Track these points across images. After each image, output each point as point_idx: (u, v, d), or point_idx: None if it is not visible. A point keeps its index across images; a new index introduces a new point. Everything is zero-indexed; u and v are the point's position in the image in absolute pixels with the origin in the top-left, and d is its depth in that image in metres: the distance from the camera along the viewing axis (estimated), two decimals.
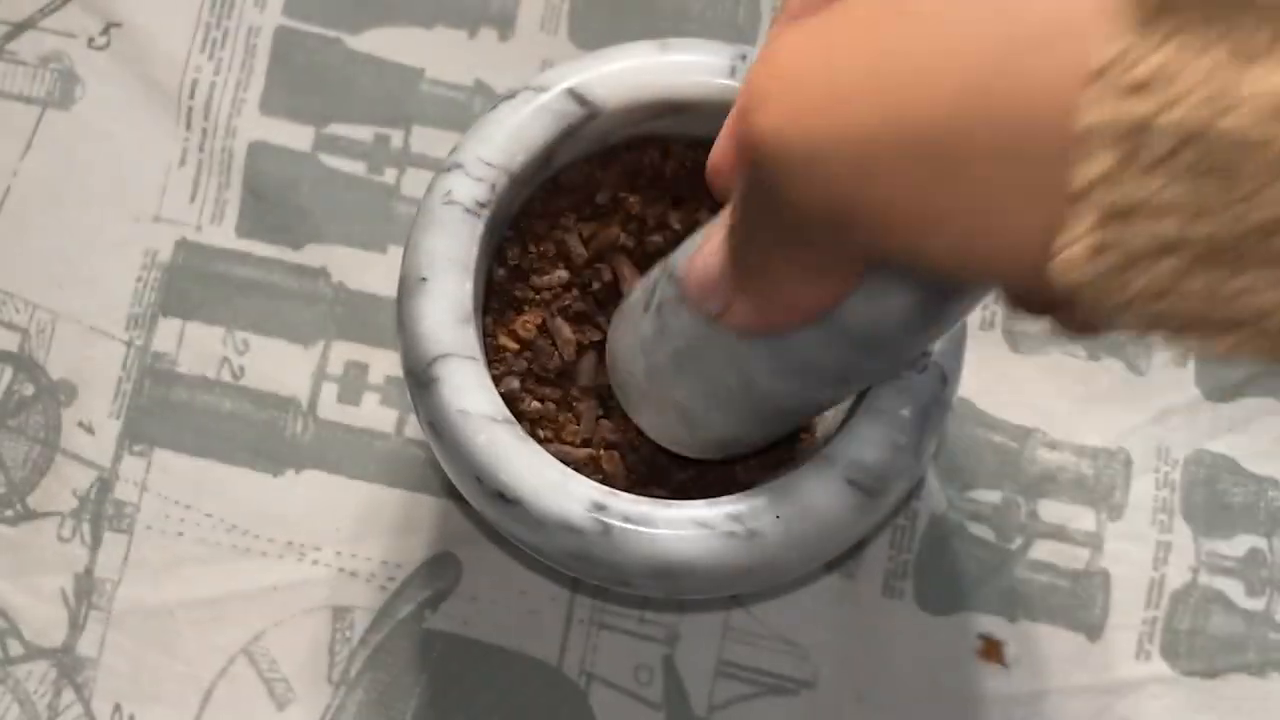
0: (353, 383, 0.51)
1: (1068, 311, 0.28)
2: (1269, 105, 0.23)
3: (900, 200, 0.28)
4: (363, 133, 0.53)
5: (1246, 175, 0.24)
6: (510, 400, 0.43)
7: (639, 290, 0.42)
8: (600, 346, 0.45)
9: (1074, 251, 0.25)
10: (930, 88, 0.27)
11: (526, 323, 0.45)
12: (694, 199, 0.45)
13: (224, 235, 0.52)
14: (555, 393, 0.45)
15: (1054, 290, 0.26)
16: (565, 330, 0.45)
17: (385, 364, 0.51)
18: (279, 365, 0.51)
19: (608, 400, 0.45)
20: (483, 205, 0.42)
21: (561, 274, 0.46)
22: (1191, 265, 0.25)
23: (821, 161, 0.29)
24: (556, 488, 0.40)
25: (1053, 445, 0.51)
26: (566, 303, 0.45)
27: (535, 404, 0.45)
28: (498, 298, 0.45)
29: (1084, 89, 0.25)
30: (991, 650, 0.49)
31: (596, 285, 0.46)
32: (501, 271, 0.45)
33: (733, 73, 0.43)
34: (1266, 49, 0.24)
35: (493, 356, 0.44)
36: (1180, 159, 0.24)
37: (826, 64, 0.29)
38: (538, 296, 0.45)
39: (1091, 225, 0.25)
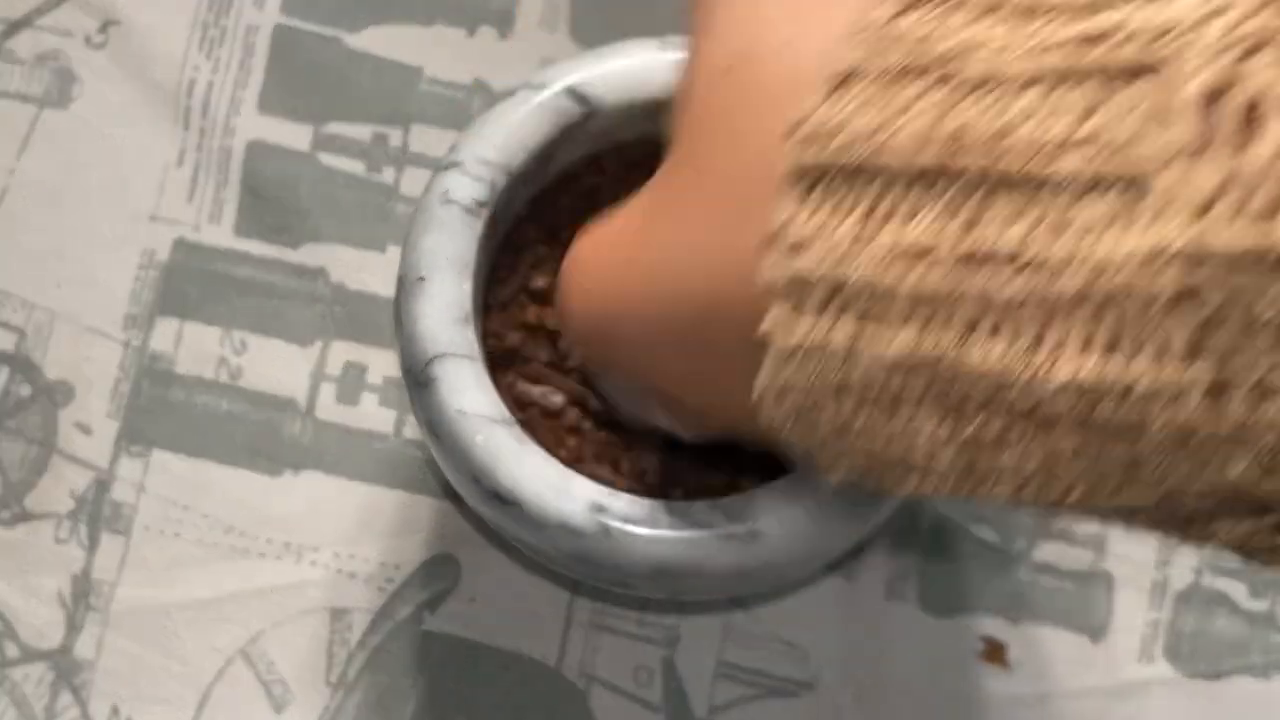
0: (351, 383, 0.51)
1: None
2: (886, 257, 0.27)
3: (662, 372, 0.34)
4: (361, 132, 0.52)
5: (879, 318, 0.27)
6: (514, 402, 0.43)
7: None
8: None
9: (764, 399, 0.29)
10: (667, 285, 0.33)
11: (524, 323, 0.45)
12: None
13: (222, 235, 0.52)
14: (556, 393, 0.45)
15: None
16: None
17: (384, 364, 0.51)
18: (277, 365, 0.51)
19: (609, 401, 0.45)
20: (482, 204, 0.42)
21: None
22: (859, 405, 0.28)
23: (594, 335, 0.36)
24: (556, 488, 0.40)
25: None
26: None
27: (535, 404, 0.45)
28: (497, 297, 0.45)
29: (762, 254, 0.28)
30: (994, 652, 0.49)
31: None
32: (502, 271, 0.45)
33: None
34: (892, 210, 0.27)
35: (492, 357, 0.44)
36: (833, 306, 0.28)
37: (610, 263, 0.35)
38: (537, 296, 0.45)
39: (774, 371, 0.29)
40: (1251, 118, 0.22)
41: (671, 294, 0.32)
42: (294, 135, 0.52)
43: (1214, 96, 0.23)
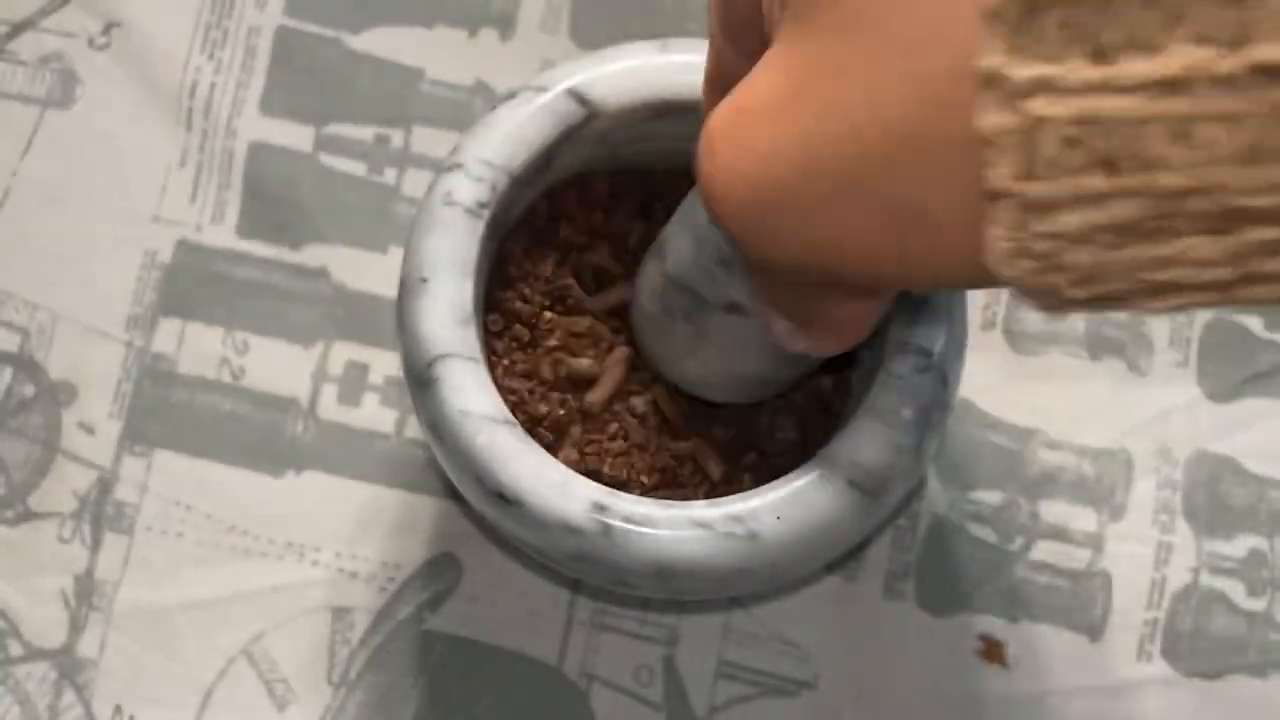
0: (353, 383, 0.51)
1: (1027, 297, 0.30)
2: (1138, 85, 0.25)
3: (846, 238, 0.31)
4: (363, 133, 0.53)
5: (1135, 153, 0.26)
6: (514, 403, 0.43)
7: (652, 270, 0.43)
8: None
9: (1000, 249, 0.28)
10: (858, 128, 0.30)
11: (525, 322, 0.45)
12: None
13: (224, 236, 0.52)
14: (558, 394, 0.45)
15: (1002, 283, 0.28)
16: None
17: (385, 364, 0.51)
18: (279, 366, 0.51)
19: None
20: (483, 206, 0.42)
21: (562, 274, 0.46)
22: (1111, 246, 0.27)
23: (761, 212, 0.32)
24: (557, 488, 0.40)
25: (1053, 446, 0.51)
26: (568, 303, 0.45)
27: (541, 406, 0.45)
28: (499, 297, 0.45)
29: (978, 99, 0.27)
30: (992, 651, 0.49)
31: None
32: (507, 271, 0.45)
33: None
34: (1123, 46, 0.25)
35: (493, 357, 0.44)
36: (1075, 151, 0.26)
37: (764, 129, 0.32)
38: (537, 297, 0.45)
39: (1009, 224, 0.27)
40: None
41: (858, 144, 0.30)
42: (296, 136, 0.52)
43: None
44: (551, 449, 0.43)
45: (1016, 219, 0.27)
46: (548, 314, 0.45)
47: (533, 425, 0.44)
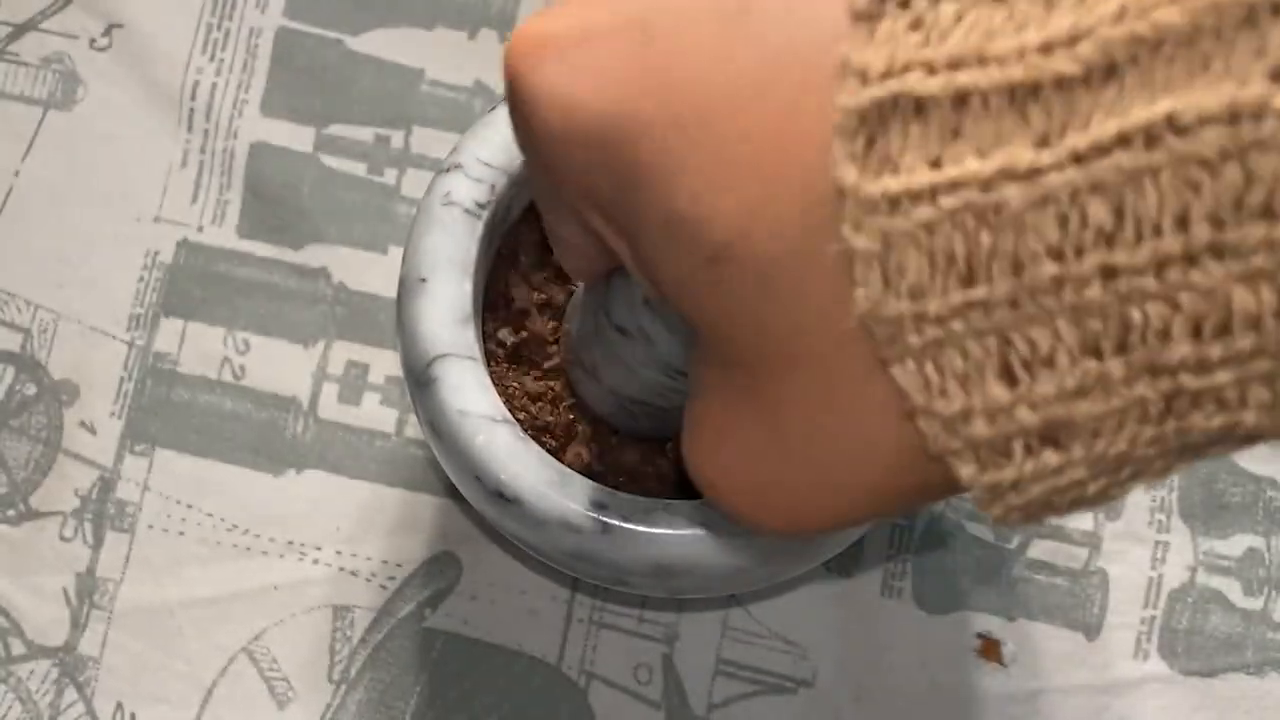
0: (353, 383, 0.51)
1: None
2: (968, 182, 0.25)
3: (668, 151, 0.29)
4: (363, 133, 0.53)
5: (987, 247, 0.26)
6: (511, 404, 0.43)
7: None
8: None
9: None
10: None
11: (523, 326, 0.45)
12: None
13: (225, 236, 0.52)
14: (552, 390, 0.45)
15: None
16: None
17: (385, 364, 0.51)
18: (280, 365, 0.51)
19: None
20: (482, 206, 0.42)
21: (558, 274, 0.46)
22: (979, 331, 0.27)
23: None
24: (556, 487, 0.40)
25: None
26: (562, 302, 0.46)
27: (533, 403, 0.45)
28: (497, 298, 0.45)
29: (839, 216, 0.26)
30: (989, 649, 0.49)
31: None
32: (505, 272, 0.45)
33: None
34: (959, 155, 0.26)
35: (492, 357, 0.44)
36: (930, 253, 0.26)
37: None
38: (537, 297, 0.45)
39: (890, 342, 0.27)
40: None
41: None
42: (296, 137, 0.53)
43: None
44: (557, 454, 0.43)
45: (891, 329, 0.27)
46: (552, 323, 0.45)
47: (539, 433, 0.44)
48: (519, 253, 0.45)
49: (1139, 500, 0.50)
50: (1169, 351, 0.25)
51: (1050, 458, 0.26)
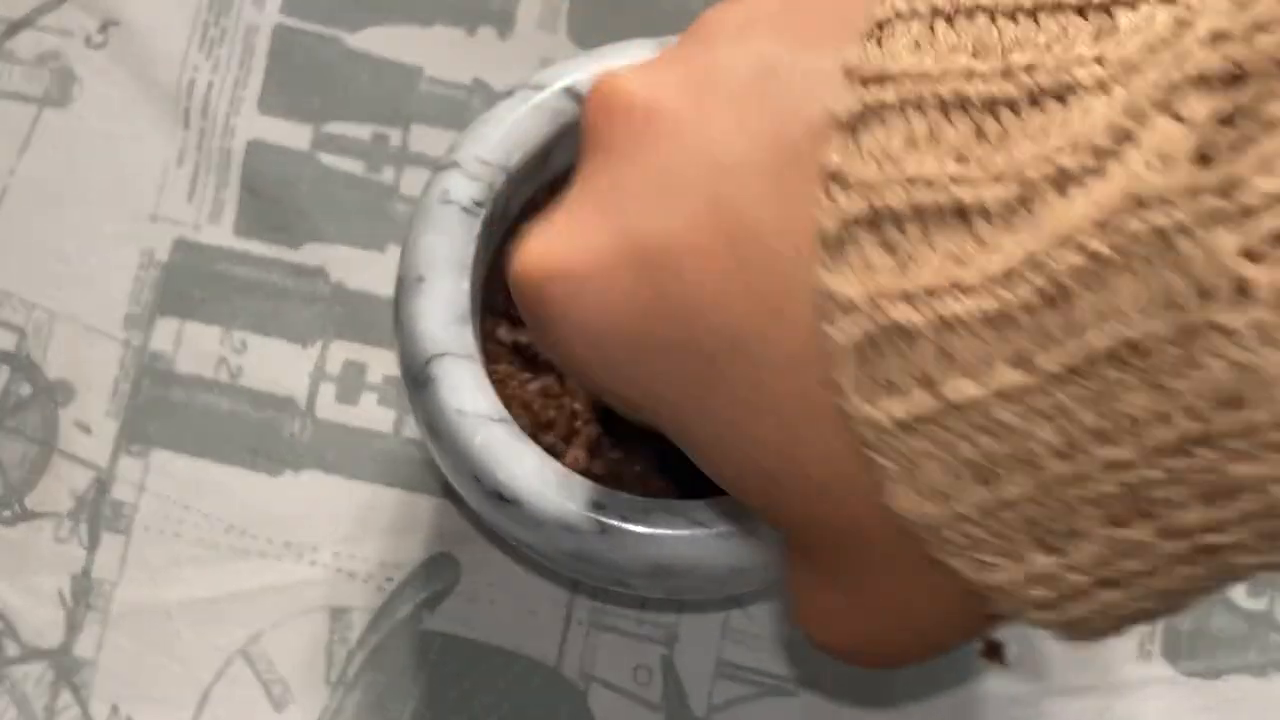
0: (351, 382, 0.51)
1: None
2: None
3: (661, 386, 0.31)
4: (361, 131, 0.53)
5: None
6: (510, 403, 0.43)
7: None
8: None
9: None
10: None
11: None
12: None
13: (222, 235, 0.52)
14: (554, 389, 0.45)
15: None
16: None
17: (383, 364, 0.51)
18: (277, 365, 0.51)
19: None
20: (480, 204, 0.42)
21: None
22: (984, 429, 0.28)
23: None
24: (554, 487, 0.40)
25: None
26: None
27: (535, 402, 0.45)
28: (495, 296, 0.45)
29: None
30: (992, 650, 0.49)
31: None
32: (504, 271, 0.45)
33: None
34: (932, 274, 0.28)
35: (490, 357, 0.44)
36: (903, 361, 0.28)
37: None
38: None
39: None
40: None
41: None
42: (294, 135, 0.52)
43: None
44: (558, 452, 0.43)
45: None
46: None
47: (540, 430, 0.44)
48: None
49: None
50: (1185, 518, 0.26)
51: (1110, 596, 0.28)
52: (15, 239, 0.52)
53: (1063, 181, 0.26)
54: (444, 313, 0.41)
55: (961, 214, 0.27)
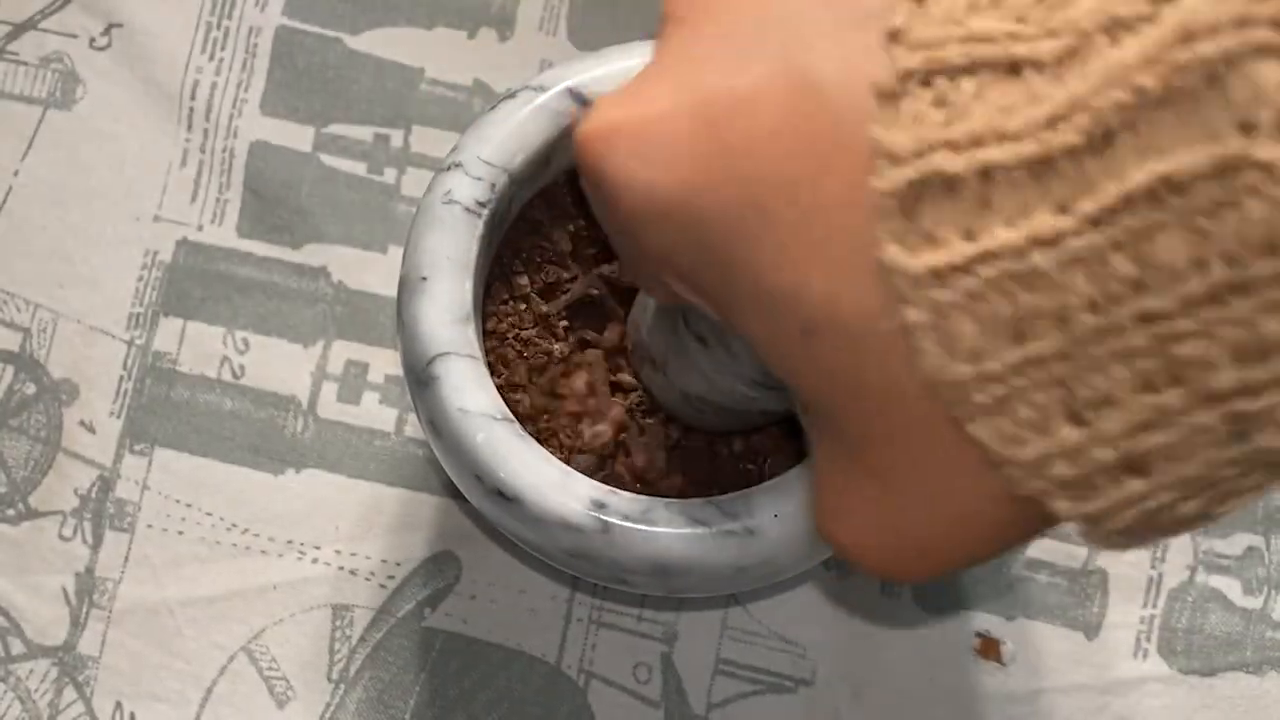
0: (353, 382, 0.51)
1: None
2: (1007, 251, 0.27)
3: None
4: (363, 133, 0.53)
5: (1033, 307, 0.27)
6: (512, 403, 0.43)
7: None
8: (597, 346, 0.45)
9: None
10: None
11: (524, 323, 0.45)
12: None
13: (225, 235, 0.52)
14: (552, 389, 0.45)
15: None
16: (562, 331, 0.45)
17: (385, 363, 0.51)
18: (279, 364, 0.51)
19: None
20: (482, 204, 0.42)
21: (562, 273, 0.46)
22: (1039, 385, 0.28)
23: (670, 211, 0.31)
24: (556, 485, 0.40)
25: None
26: (565, 302, 0.46)
27: (537, 401, 0.45)
28: (497, 296, 0.45)
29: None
30: (989, 648, 0.49)
31: (595, 290, 0.46)
32: (505, 270, 0.45)
33: None
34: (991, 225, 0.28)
35: (493, 356, 0.44)
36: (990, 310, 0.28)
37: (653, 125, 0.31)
38: (536, 297, 0.45)
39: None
40: None
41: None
42: (296, 136, 0.53)
43: None
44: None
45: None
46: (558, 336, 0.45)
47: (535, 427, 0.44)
48: (516, 250, 0.45)
49: None
50: (1217, 380, 0.26)
51: (1135, 485, 0.28)
52: (20, 240, 0.52)
53: (1115, 29, 0.26)
54: (446, 312, 0.41)
55: (1014, 68, 0.27)
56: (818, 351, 0.30)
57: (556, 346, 0.45)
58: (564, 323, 0.45)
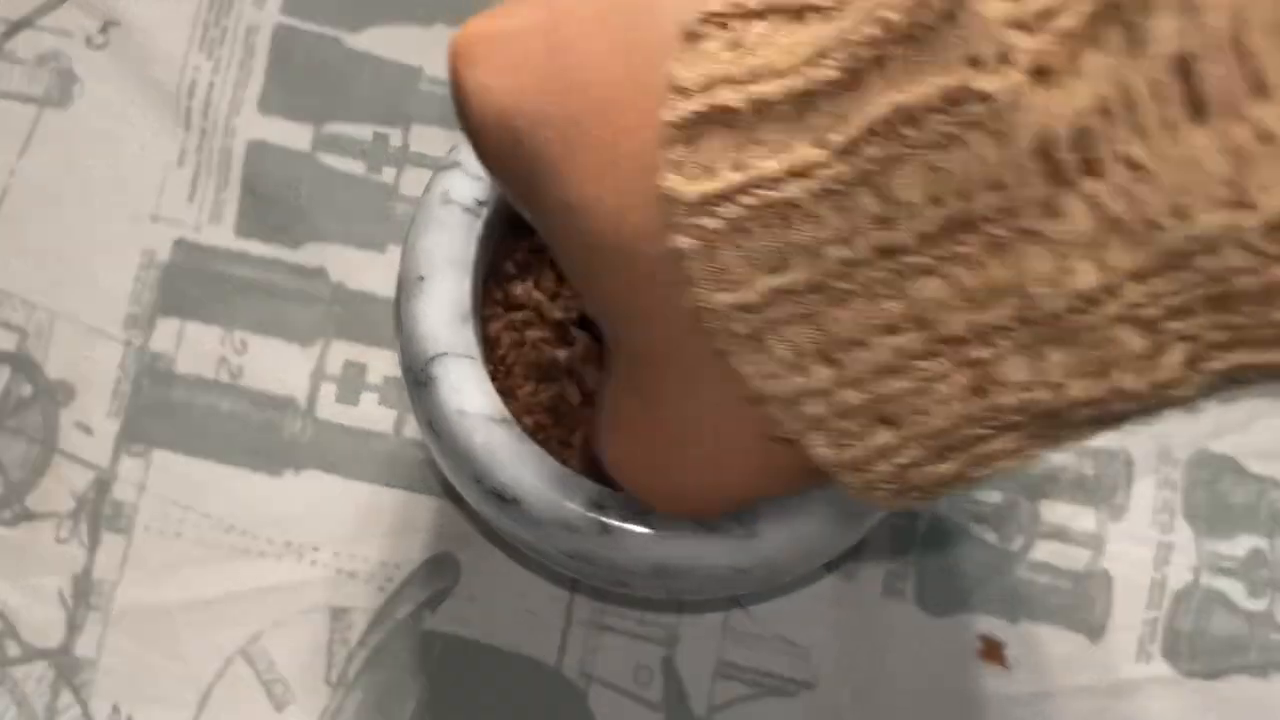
0: (351, 383, 0.51)
1: None
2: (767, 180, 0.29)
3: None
4: (361, 132, 0.53)
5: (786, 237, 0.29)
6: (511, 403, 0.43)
7: None
8: (598, 345, 0.45)
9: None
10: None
11: (523, 323, 0.45)
12: None
13: (222, 235, 0.52)
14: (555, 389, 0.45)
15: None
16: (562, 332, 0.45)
17: (384, 364, 0.51)
18: (277, 365, 0.51)
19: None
20: (481, 204, 0.42)
21: (561, 273, 0.46)
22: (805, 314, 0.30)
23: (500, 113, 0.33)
24: (555, 487, 0.40)
25: None
26: (563, 304, 0.45)
27: (538, 401, 0.45)
28: (497, 297, 0.45)
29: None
30: (992, 651, 0.49)
31: None
32: (506, 269, 0.45)
33: None
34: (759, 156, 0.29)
35: (492, 357, 0.44)
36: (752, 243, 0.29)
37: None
38: (537, 296, 0.45)
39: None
40: None
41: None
42: (294, 135, 0.52)
43: None
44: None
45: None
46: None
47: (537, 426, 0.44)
48: (517, 251, 0.45)
49: (1142, 501, 0.50)
50: (951, 322, 0.27)
51: (886, 436, 0.29)
52: (16, 239, 0.52)
53: None
54: (445, 313, 0.41)
55: (800, 13, 0.29)
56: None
57: (556, 347, 0.45)
58: (564, 323, 0.45)
